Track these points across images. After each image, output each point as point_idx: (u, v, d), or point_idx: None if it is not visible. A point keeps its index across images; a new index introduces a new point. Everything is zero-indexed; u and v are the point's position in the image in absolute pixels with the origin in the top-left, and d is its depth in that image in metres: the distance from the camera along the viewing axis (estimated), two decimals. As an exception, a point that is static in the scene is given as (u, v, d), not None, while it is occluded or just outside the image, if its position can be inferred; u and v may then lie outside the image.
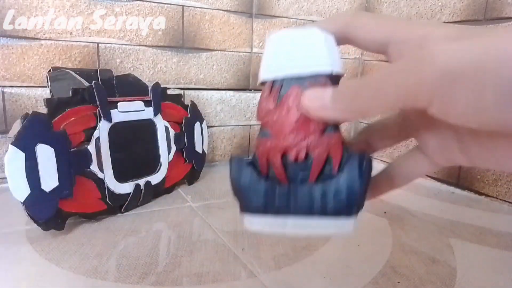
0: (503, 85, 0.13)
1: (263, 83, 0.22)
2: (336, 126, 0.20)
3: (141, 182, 0.54)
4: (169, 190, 0.61)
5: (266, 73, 0.21)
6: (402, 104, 0.16)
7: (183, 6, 0.72)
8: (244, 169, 0.22)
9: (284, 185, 0.21)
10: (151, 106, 0.56)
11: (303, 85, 0.20)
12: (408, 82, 0.15)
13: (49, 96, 0.51)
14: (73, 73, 0.52)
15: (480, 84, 0.14)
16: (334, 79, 0.20)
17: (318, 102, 0.19)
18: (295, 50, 0.21)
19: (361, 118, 0.18)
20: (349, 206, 0.20)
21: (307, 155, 0.21)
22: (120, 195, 0.51)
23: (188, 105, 0.65)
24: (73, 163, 0.46)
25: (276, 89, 0.21)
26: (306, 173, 0.21)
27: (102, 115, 0.49)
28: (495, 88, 0.13)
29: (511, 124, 0.14)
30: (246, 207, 0.22)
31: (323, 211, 0.21)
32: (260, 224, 0.22)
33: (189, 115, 0.65)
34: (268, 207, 0.21)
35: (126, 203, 0.52)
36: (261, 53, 0.82)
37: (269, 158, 0.22)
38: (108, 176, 0.50)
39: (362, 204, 0.21)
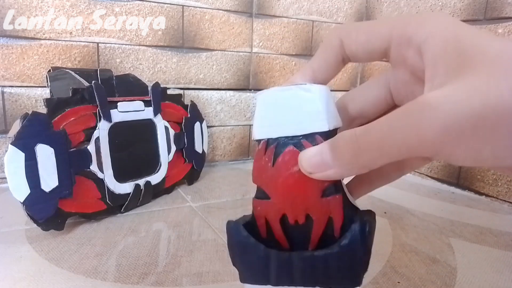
0: (501, 139, 0.14)
1: (257, 141, 0.21)
2: (336, 185, 0.19)
3: (141, 182, 0.54)
4: (169, 190, 0.61)
5: (260, 132, 0.20)
6: (405, 157, 0.16)
7: (183, 6, 0.72)
8: (242, 237, 0.20)
9: (284, 253, 0.20)
10: (151, 106, 0.56)
11: (298, 145, 0.19)
12: (410, 141, 0.15)
13: (48, 96, 0.51)
14: (72, 73, 0.52)
15: (478, 140, 0.14)
16: (330, 135, 0.19)
17: (317, 162, 0.18)
18: (289, 109, 0.19)
19: (363, 172, 0.19)
20: (353, 277, 0.19)
21: (307, 216, 0.20)
22: (120, 195, 0.51)
23: (188, 105, 0.65)
24: (73, 163, 0.46)
25: (271, 149, 0.20)
26: (307, 236, 0.20)
27: (102, 115, 0.49)
28: (493, 142, 0.14)
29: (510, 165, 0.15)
30: (245, 278, 0.21)
31: (327, 283, 0.20)
32: None
33: (189, 115, 0.64)
34: (268, 279, 0.20)
35: (126, 203, 0.52)
36: (261, 53, 0.82)
37: (268, 221, 0.21)
38: (108, 176, 0.50)
39: (366, 269, 0.20)
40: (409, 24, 0.17)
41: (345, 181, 0.21)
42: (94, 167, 0.48)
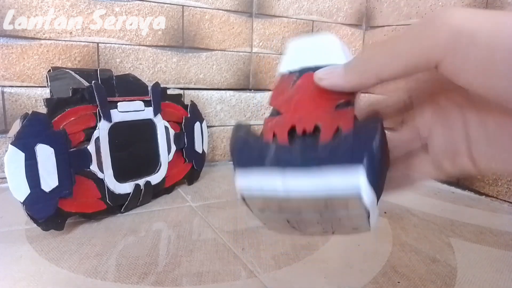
0: None
1: (281, 74, 0.22)
2: (348, 102, 0.19)
3: (141, 182, 0.54)
4: (169, 190, 0.61)
5: (284, 67, 0.22)
6: (415, 64, 0.16)
7: (183, 6, 0.72)
8: (244, 127, 0.20)
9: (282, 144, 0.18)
10: (151, 106, 0.56)
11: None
12: (421, 42, 0.15)
13: (48, 96, 0.51)
14: (72, 73, 0.52)
15: (491, 50, 0.14)
16: None
17: (331, 71, 0.19)
18: (313, 49, 0.22)
19: (374, 83, 0.17)
20: (359, 151, 0.16)
21: (315, 129, 0.18)
22: (120, 195, 0.51)
23: (188, 105, 0.65)
24: (73, 163, 0.46)
25: (292, 76, 0.21)
26: (314, 142, 0.17)
27: (102, 115, 0.49)
28: (505, 56, 0.14)
29: None
30: (240, 159, 0.18)
31: (329, 159, 0.16)
32: (251, 180, 0.17)
33: (189, 115, 0.64)
34: (263, 159, 0.17)
35: (126, 203, 0.52)
36: (261, 52, 0.82)
37: (275, 134, 0.18)
38: (107, 176, 0.50)
39: (388, 166, 0.18)
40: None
41: None
42: (94, 167, 0.48)
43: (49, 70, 0.54)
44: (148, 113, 0.56)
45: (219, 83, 0.79)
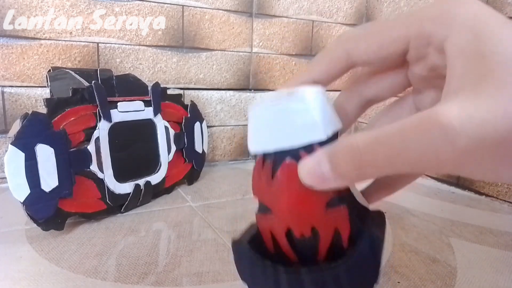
0: None
1: (254, 156, 0.20)
2: (340, 196, 0.19)
3: (141, 182, 0.54)
4: (169, 190, 0.61)
5: (255, 146, 0.20)
6: (419, 172, 0.15)
7: (183, 5, 0.72)
8: (248, 257, 0.20)
9: (293, 271, 0.19)
10: (151, 106, 0.56)
11: (296, 157, 0.18)
12: (427, 161, 0.14)
13: (48, 96, 0.51)
14: (73, 73, 0.52)
15: (500, 163, 0.14)
16: (330, 141, 0.18)
17: (317, 175, 0.17)
18: (283, 122, 0.18)
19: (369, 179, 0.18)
20: None
21: (312, 229, 0.19)
22: (120, 195, 0.51)
23: (188, 105, 0.65)
24: (73, 163, 0.46)
25: (268, 164, 0.19)
26: (315, 249, 0.20)
27: (102, 115, 0.49)
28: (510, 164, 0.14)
29: None
30: None
31: None
32: None
33: (189, 115, 0.64)
34: None
35: (126, 203, 0.52)
36: (261, 52, 0.82)
37: (274, 235, 0.20)
38: (107, 176, 0.50)
39: (377, 280, 0.19)
40: (426, 22, 0.16)
41: (364, 184, 0.21)
42: (94, 167, 0.48)
43: (49, 70, 0.54)
44: (148, 113, 0.56)
45: (219, 83, 0.79)
